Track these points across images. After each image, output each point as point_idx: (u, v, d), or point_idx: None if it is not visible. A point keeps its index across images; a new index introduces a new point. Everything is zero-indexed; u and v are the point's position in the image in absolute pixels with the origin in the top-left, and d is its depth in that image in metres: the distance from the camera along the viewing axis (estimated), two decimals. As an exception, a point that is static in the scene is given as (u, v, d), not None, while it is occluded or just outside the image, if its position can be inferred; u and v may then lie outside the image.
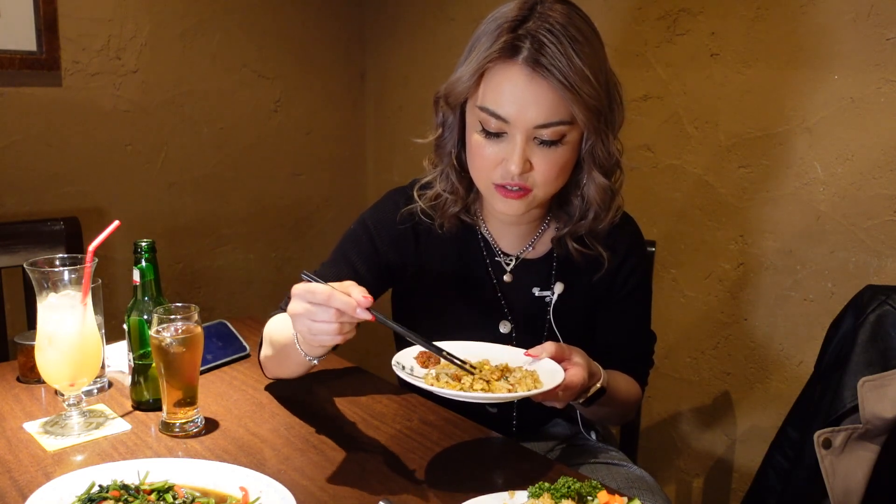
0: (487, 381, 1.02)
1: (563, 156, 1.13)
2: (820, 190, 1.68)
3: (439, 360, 1.08)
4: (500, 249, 1.30)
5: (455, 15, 2.46)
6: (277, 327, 1.20)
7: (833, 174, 1.66)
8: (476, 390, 1.00)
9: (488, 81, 1.11)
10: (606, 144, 1.15)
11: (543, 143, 1.11)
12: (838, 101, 1.63)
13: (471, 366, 1.05)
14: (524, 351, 1.10)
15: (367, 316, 0.96)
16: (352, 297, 0.95)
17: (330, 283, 0.96)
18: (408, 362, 1.06)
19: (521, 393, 0.99)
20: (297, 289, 0.98)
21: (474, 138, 1.15)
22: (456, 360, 1.04)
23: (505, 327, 1.29)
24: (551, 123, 1.09)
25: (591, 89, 1.08)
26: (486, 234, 1.30)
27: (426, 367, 1.07)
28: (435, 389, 0.99)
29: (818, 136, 1.67)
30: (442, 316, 1.31)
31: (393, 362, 1.04)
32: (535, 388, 1.00)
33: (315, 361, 1.10)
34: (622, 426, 1.57)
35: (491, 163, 1.14)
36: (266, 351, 1.26)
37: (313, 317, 0.96)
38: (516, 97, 1.09)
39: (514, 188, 1.14)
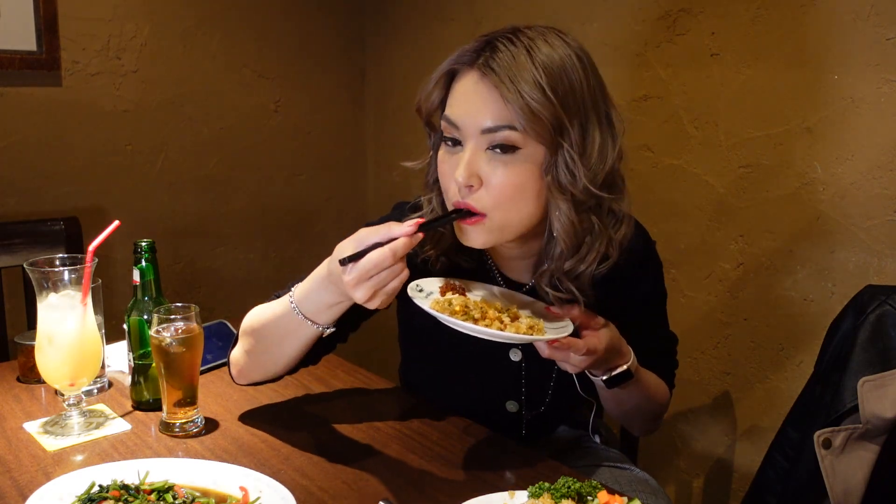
0: (484, 317, 1.01)
1: (518, 173, 1.04)
2: (820, 190, 1.68)
3: (463, 292, 1.09)
4: (507, 280, 1.24)
5: (455, 15, 2.46)
6: (264, 310, 1.15)
7: (833, 174, 1.66)
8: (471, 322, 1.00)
9: (450, 91, 1.10)
10: (571, 168, 1.03)
11: (496, 154, 1.04)
12: (838, 101, 1.63)
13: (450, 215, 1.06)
14: (548, 307, 1.09)
15: (420, 236, 0.97)
16: (397, 236, 0.95)
17: (366, 245, 0.96)
18: (429, 287, 1.06)
19: (534, 336, 0.98)
20: (350, 277, 0.96)
21: (440, 153, 1.11)
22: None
23: (515, 355, 1.24)
24: (498, 127, 1.03)
25: (540, 95, 1.01)
26: (490, 266, 1.24)
27: (445, 295, 1.07)
28: (434, 313, 0.99)
29: (818, 136, 1.67)
30: (449, 341, 1.20)
31: (411, 284, 1.04)
32: (531, 334, 1.01)
33: (329, 330, 1.10)
34: (622, 426, 1.56)
35: (448, 177, 1.08)
36: (247, 346, 1.19)
37: (384, 284, 0.96)
38: (466, 100, 1.06)
39: (465, 210, 1.06)
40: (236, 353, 1.21)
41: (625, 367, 1.12)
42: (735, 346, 1.87)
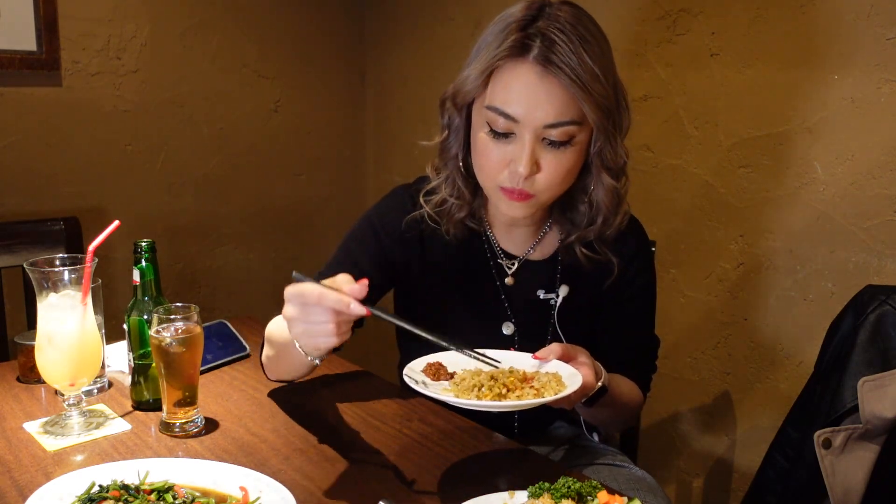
0: (509, 389, 0.98)
1: (571, 158, 1.12)
2: (820, 190, 1.68)
3: (447, 371, 1.06)
4: (503, 251, 1.29)
5: (455, 15, 2.46)
6: (277, 326, 1.19)
7: (833, 174, 1.66)
8: (498, 398, 0.96)
9: (497, 80, 1.10)
10: (615, 146, 1.14)
11: (552, 144, 1.10)
12: (838, 101, 1.63)
13: (490, 359, 1.04)
14: (532, 354, 1.08)
15: (362, 311, 0.90)
16: (343, 292, 0.90)
17: (322, 282, 0.91)
18: (419, 377, 1.04)
19: (547, 398, 0.96)
20: (289, 291, 0.93)
21: (481, 139, 1.13)
22: (474, 354, 1.03)
23: (508, 329, 1.28)
24: (561, 123, 1.08)
25: (602, 88, 1.07)
26: (490, 236, 1.29)
27: (438, 379, 1.04)
28: (461, 402, 0.95)
29: (818, 136, 1.67)
30: (445, 316, 1.30)
31: (405, 377, 1.01)
32: (560, 391, 0.98)
33: (317, 361, 1.08)
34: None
35: (498, 164, 1.12)
36: (267, 351, 1.25)
37: (308, 318, 0.92)
38: (526, 96, 1.07)
39: (518, 193, 1.12)
40: (263, 357, 1.27)
41: (600, 384, 1.12)
42: (735, 346, 1.87)
